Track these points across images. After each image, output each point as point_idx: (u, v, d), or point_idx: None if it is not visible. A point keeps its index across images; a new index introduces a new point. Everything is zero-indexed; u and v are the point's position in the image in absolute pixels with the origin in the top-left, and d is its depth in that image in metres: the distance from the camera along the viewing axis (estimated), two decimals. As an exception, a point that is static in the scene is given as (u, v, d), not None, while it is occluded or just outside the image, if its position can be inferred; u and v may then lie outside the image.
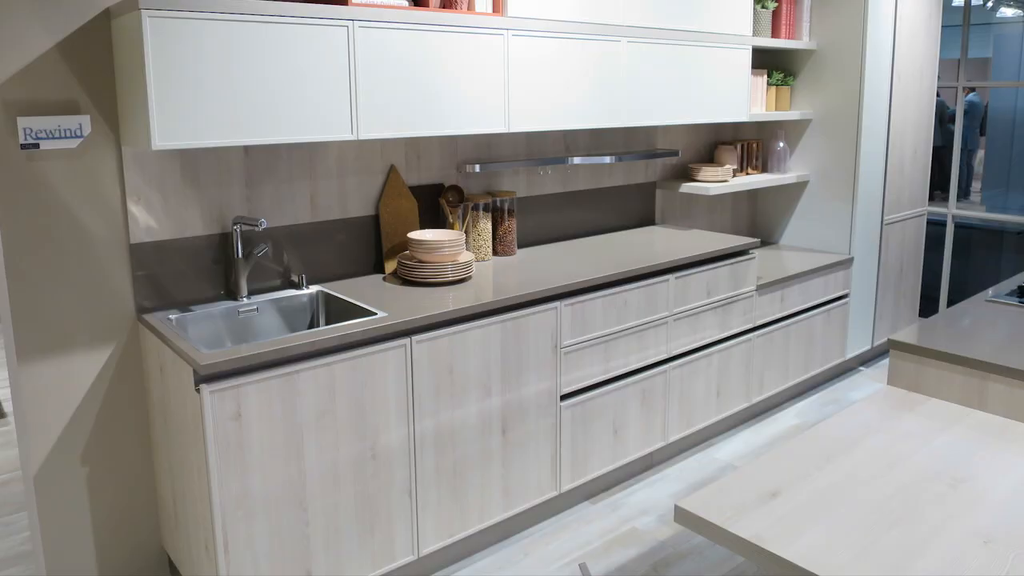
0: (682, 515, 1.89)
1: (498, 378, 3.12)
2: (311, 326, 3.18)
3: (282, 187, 3.17)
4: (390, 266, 3.44)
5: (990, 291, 3.32)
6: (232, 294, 3.10)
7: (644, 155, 4.39)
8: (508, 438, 3.20)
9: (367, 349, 2.71)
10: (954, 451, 2.14)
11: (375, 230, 3.46)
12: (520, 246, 4.02)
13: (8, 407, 4.83)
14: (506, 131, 3.35)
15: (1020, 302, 3.12)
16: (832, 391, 4.99)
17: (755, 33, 4.62)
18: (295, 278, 3.25)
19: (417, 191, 3.57)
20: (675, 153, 4.55)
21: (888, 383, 2.71)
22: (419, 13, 3.01)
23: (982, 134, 8.32)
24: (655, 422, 3.82)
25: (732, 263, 4.05)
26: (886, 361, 5.41)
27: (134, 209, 2.84)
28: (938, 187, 6.69)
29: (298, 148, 3.19)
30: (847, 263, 4.93)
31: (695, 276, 3.85)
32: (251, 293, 3.13)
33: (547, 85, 3.45)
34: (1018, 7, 7.82)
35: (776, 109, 4.98)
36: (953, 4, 6.51)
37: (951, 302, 5.86)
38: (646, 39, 3.81)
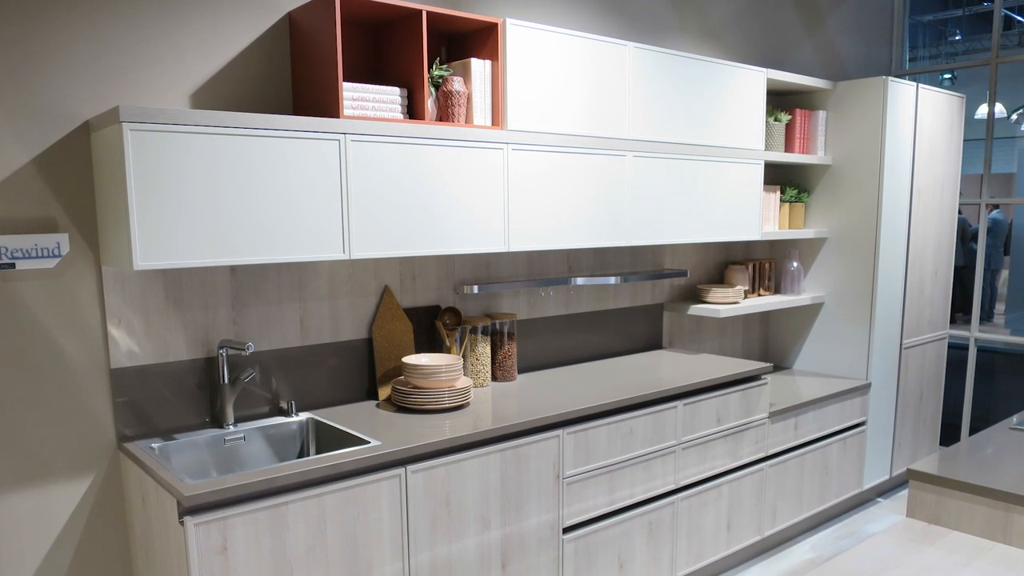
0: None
1: (497, 510, 3.17)
2: (301, 455, 3.26)
3: (270, 309, 3.29)
4: (384, 392, 3.54)
5: (1014, 418, 3.41)
6: (218, 421, 3.18)
7: (651, 275, 4.50)
8: (508, 573, 3.24)
9: (359, 479, 2.78)
10: (977, 587, 2.20)
11: (368, 354, 3.57)
12: (521, 371, 4.12)
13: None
14: (505, 250, 3.46)
15: (1045, 430, 3.20)
16: (848, 523, 5.01)
17: (767, 147, 4.76)
18: (284, 405, 3.34)
19: (412, 313, 3.69)
20: (683, 273, 4.66)
21: (907, 515, 2.78)
22: (414, 126, 3.13)
23: (1006, 253, 8.42)
24: (662, 556, 3.85)
25: (743, 389, 4.14)
26: (905, 492, 5.44)
27: (115, 332, 2.93)
28: (960, 309, 6.78)
29: (287, 268, 3.32)
30: (864, 389, 5.01)
31: (704, 403, 3.93)
32: (238, 420, 3.22)
33: (548, 202, 3.57)
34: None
35: (790, 227, 5.09)
36: (976, 117, 6.73)
37: (973, 430, 5.91)
38: (652, 153, 3.95)
